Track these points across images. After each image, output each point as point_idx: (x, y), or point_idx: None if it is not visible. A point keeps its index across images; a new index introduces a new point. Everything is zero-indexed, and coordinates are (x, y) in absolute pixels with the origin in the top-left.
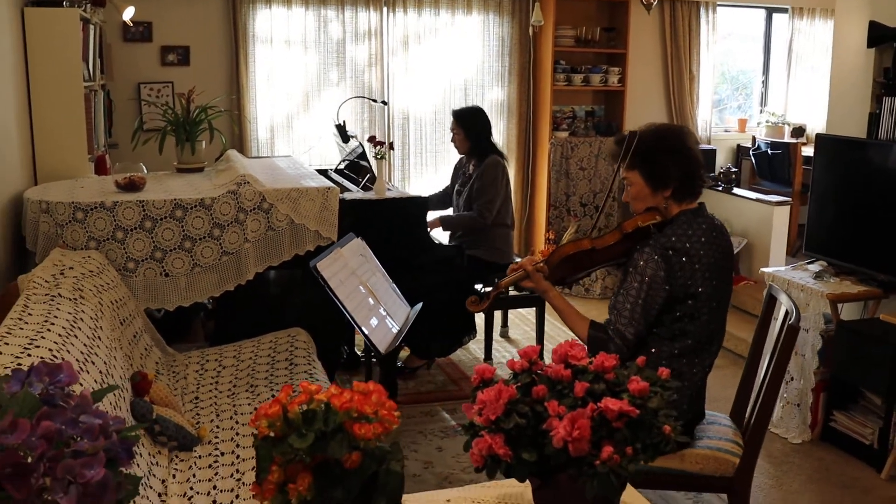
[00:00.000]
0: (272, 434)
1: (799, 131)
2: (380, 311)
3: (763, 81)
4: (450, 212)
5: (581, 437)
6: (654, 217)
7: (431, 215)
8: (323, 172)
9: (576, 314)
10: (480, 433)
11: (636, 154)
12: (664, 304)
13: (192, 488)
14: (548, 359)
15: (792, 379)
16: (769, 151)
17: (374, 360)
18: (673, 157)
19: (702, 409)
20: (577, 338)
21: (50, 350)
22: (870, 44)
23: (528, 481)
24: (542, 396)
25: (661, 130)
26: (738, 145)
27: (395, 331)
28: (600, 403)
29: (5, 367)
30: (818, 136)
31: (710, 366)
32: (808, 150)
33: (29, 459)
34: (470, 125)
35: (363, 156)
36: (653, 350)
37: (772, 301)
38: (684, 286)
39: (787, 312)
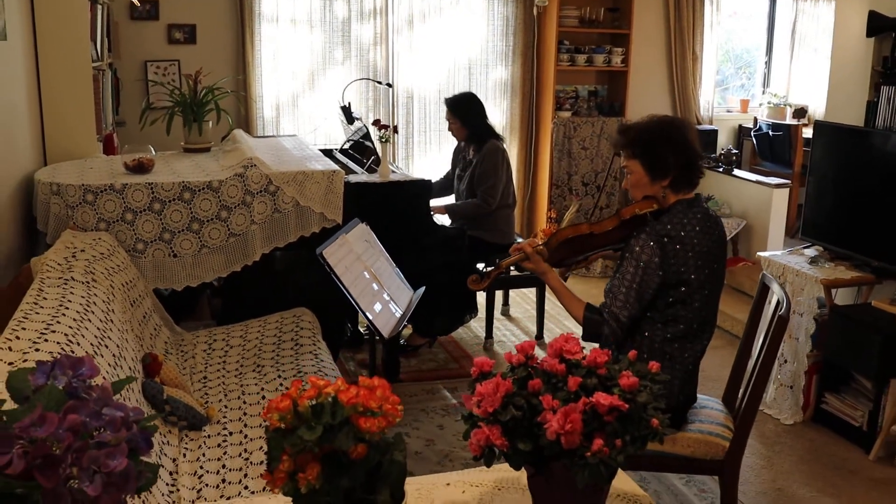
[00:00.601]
0: (283, 426)
1: (801, 112)
2: (383, 296)
3: (766, 62)
4: (452, 198)
5: (573, 430)
6: (652, 205)
7: (435, 202)
8: (328, 152)
9: (572, 296)
10: (479, 424)
11: (637, 144)
12: (658, 289)
13: (202, 467)
14: (548, 336)
15: (786, 361)
16: (770, 133)
17: (377, 338)
18: (673, 148)
19: (693, 393)
20: (573, 319)
21: (66, 335)
22: (869, 33)
23: (523, 469)
24: (538, 390)
25: (663, 122)
26: (740, 126)
27: (398, 315)
28: (592, 398)
29: (24, 353)
30: (817, 123)
31: (701, 351)
32: (808, 132)
33: (56, 451)
34: (465, 113)
35: (367, 136)
36: (646, 334)
37: (765, 289)
38: (677, 272)
39: (778, 302)
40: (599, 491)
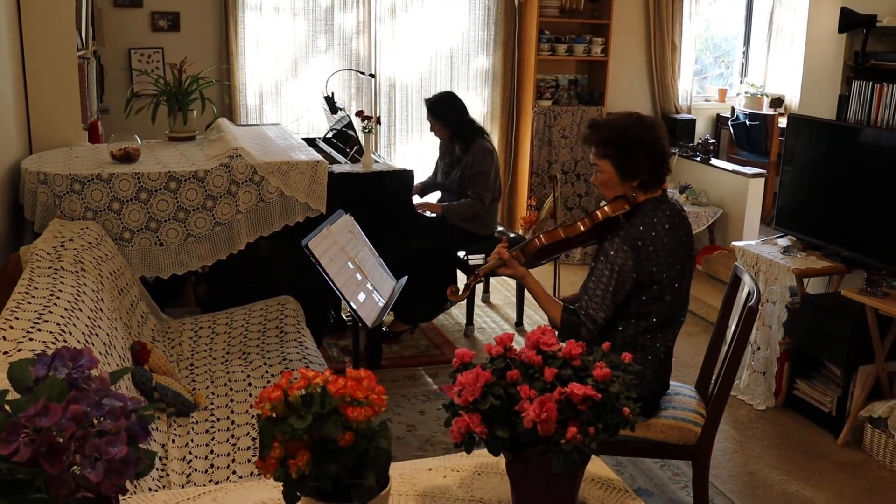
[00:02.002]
0: (274, 415)
1: (777, 102)
2: (367, 286)
3: (744, 52)
4: (437, 195)
5: (548, 419)
6: (623, 206)
7: (430, 198)
8: (311, 141)
9: (550, 299)
10: (459, 413)
11: (609, 144)
12: (632, 289)
13: (190, 452)
14: (527, 323)
15: (759, 348)
16: (747, 122)
17: (359, 325)
18: (644, 149)
19: (666, 380)
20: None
21: (58, 324)
22: (841, 29)
23: (501, 455)
24: (515, 380)
25: (635, 122)
26: (718, 115)
27: (381, 305)
28: (567, 388)
29: (18, 342)
30: (791, 115)
31: (672, 340)
32: (784, 122)
33: (60, 439)
34: (444, 113)
35: (350, 125)
36: (619, 329)
37: (737, 279)
38: (650, 272)
39: (749, 293)
40: (574, 476)
